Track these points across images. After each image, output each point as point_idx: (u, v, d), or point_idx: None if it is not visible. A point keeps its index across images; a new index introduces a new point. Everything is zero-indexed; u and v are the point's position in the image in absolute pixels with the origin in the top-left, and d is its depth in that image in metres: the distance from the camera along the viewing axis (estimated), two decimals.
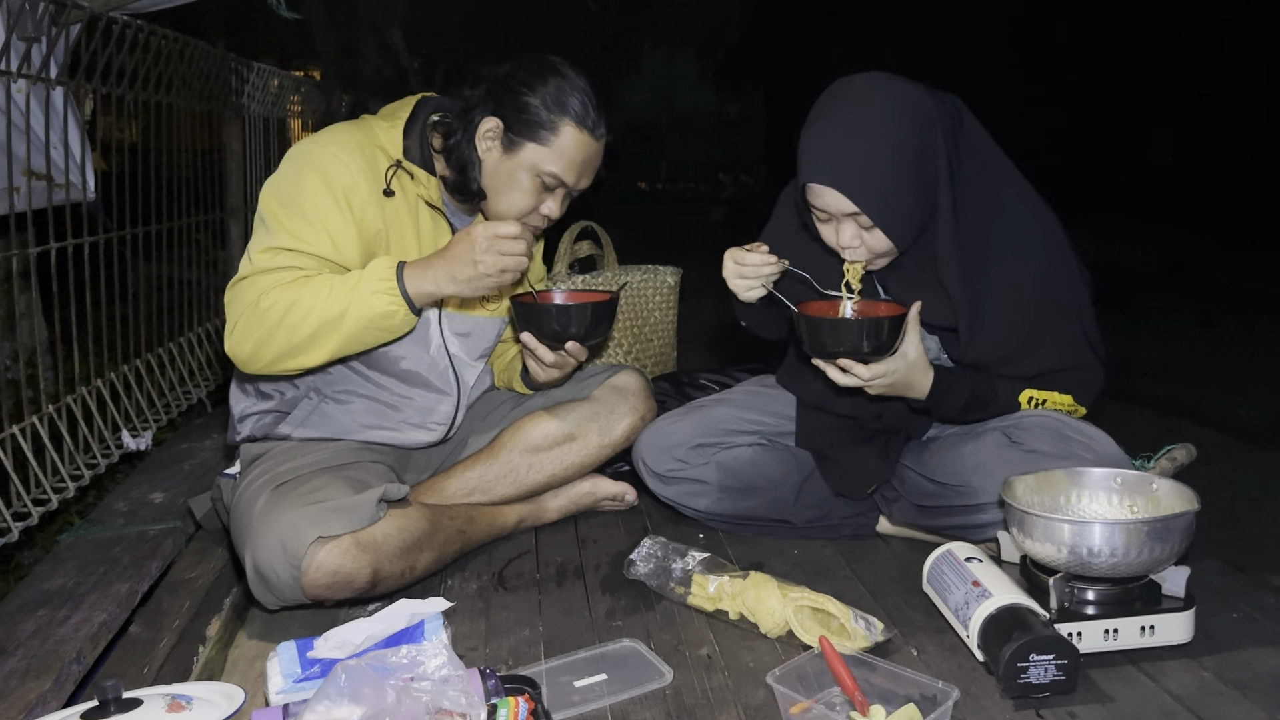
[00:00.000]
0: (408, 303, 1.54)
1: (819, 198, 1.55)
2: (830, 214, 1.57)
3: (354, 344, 1.58)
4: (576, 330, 1.65)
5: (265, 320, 1.53)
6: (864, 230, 1.56)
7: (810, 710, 1.21)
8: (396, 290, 1.53)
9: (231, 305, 1.59)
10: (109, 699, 1.12)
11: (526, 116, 1.63)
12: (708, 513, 1.90)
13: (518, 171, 1.65)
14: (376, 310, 1.53)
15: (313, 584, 1.49)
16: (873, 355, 1.56)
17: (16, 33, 2.04)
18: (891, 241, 1.56)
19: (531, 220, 1.71)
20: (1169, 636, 1.38)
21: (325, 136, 1.67)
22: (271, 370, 1.60)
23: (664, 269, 2.81)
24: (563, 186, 1.68)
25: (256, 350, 1.56)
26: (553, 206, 1.70)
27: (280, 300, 1.53)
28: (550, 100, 1.63)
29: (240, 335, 1.56)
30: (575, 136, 1.64)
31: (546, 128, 1.63)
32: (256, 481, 1.64)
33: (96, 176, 2.59)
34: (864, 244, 1.58)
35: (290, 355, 1.56)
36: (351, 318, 1.53)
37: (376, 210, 1.64)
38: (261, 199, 1.63)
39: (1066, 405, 1.69)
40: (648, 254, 2.99)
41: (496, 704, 1.11)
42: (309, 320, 1.52)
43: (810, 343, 1.58)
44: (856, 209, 1.52)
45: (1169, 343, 5.46)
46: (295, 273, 1.57)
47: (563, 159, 1.65)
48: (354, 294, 1.53)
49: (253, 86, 3.54)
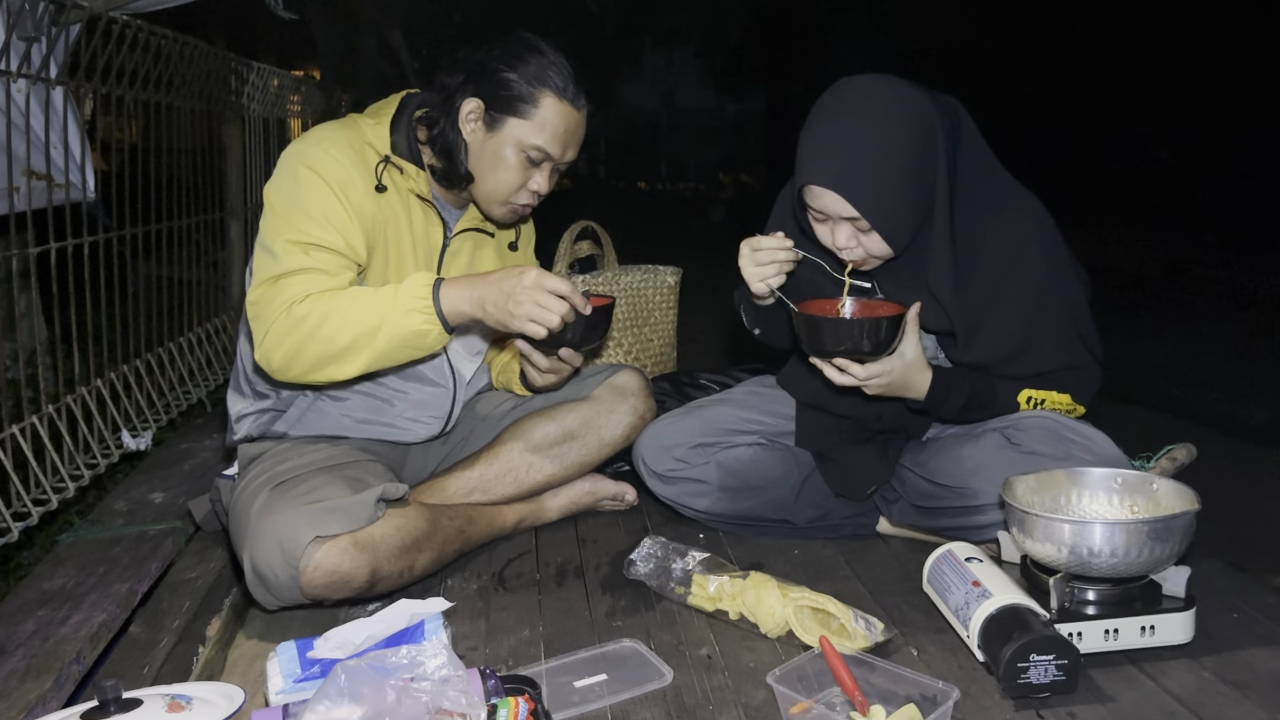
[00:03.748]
0: (442, 322, 1.54)
1: (817, 199, 1.55)
2: (827, 215, 1.57)
3: (386, 360, 1.58)
4: (571, 337, 1.62)
5: (300, 329, 1.52)
6: (861, 233, 1.56)
7: (810, 710, 1.21)
8: (432, 309, 1.53)
9: (260, 309, 1.57)
10: (109, 699, 1.12)
11: (506, 93, 1.65)
12: (708, 513, 1.90)
13: (502, 148, 1.66)
14: (411, 328, 1.53)
15: (311, 584, 1.49)
16: (871, 355, 1.56)
17: (16, 33, 2.04)
18: (888, 245, 1.56)
19: (520, 198, 1.71)
20: (1169, 636, 1.38)
21: (315, 135, 1.67)
22: (303, 380, 1.59)
23: (664, 269, 2.80)
24: (549, 160, 1.69)
25: (289, 360, 1.55)
26: (541, 182, 1.71)
27: (316, 309, 1.52)
28: (529, 74, 1.65)
29: (271, 343, 1.55)
30: (556, 107, 1.66)
31: (527, 101, 1.64)
32: (255, 482, 1.64)
33: (96, 176, 2.59)
34: (860, 245, 1.57)
35: (323, 365, 1.55)
36: (385, 334, 1.53)
37: (372, 205, 1.66)
38: (266, 201, 1.63)
39: (1065, 405, 1.69)
40: (648, 254, 2.99)
41: (496, 704, 1.11)
42: (345, 332, 1.52)
43: (809, 341, 1.58)
44: (855, 213, 1.52)
45: (1169, 343, 5.46)
46: (323, 277, 1.56)
47: (545, 130, 1.66)
48: (390, 310, 1.52)
49: (253, 86, 3.55)
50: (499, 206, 1.72)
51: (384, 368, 1.63)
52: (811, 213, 1.60)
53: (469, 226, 1.82)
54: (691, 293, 2.96)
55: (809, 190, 1.55)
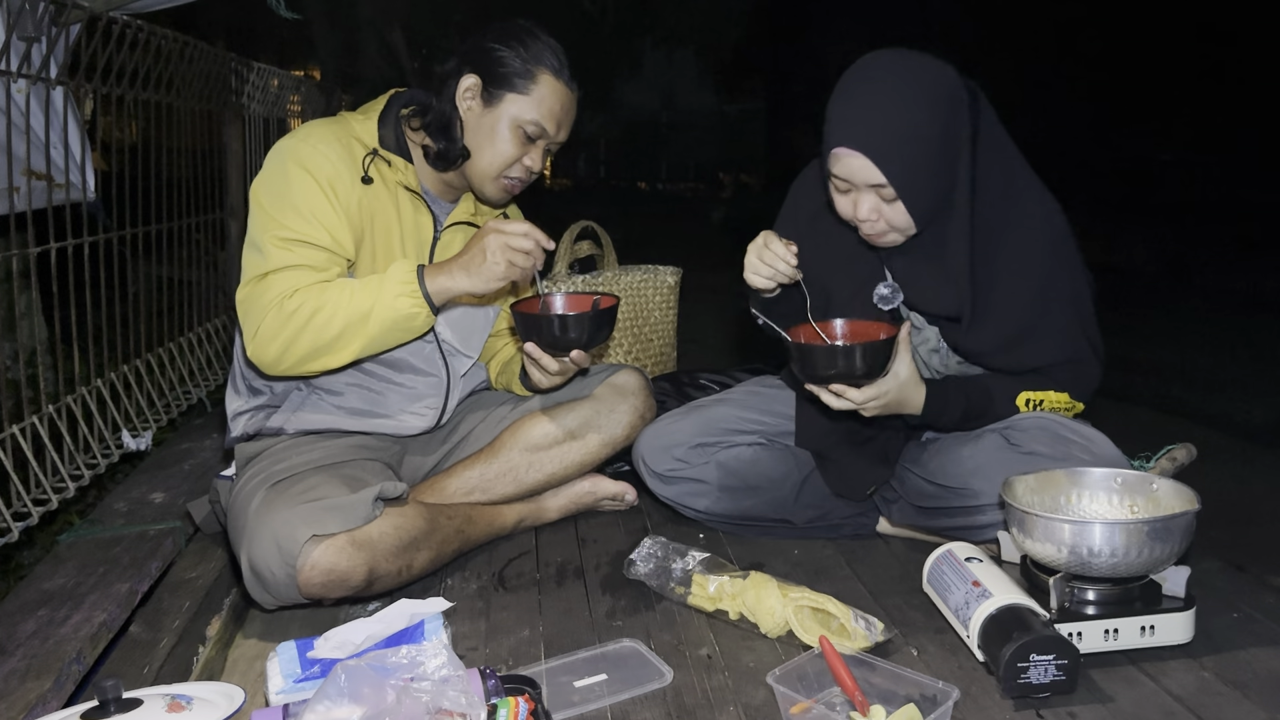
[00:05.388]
0: (429, 304, 1.60)
1: (844, 165, 1.53)
2: (852, 184, 1.54)
3: (377, 345, 1.63)
4: (578, 338, 1.66)
5: (292, 322, 1.56)
6: (884, 203, 1.54)
7: (810, 710, 1.21)
8: (419, 292, 1.59)
9: (249, 306, 1.61)
10: (109, 699, 1.12)
11: (504, 69, 1.69)
12: (708, 512, 1.90)
13: (499, 124, 1.70)
14: (401, 312, 1.59)
15: (308, 582, 1.49)
16: (865, 379, 1.55)
17: (16, 33, 2.04)
18: (911, 216, 1.54)
19: (514, 172, 1.75)
20: (1169, 636, 1.38)
21: (303, 131, 1.70)
22: (295, 371, 1.64)
23: (664, 269, 2.80)
24: (544, 136, 1.73)
25: (282, 352, 1.59)
26: (534, 159, 1.75)
27: (307, 302, 1.57)
28: (525, 53, 1.70)
29: (265, 337, 1.58)
30: (553, 85, 1.70)
31: (524, 77, 1.69)
32: (252, 481, 1.64)
33: (96, 176, 2.59)
34: (882, 217, 1.56)
35: (316, 356, 1.60)
36: (376, 320, 1.58)
37: (360, 198, 1.68)
38: (252, 197, 1.65)
39: (1063, 404, 1.68)
40: (648, 254, 2.99)
41: (496, 704, 1.11)
42: (335, 321, 1.57)
43: (801, 368, 1.57)
44: (882, 179, 1.50)
45: (1169, 343, 5.46)
46: (310, 272, 1.60)
47: (542, 106, 1.70)
48: (378, 296, 1.58)
49: (253, 86, 3.55)
50: (492, 182, 1.75)
51: (375, 353, 1.68)
52: (835, 182, 1.57)
53: (459, 219, 1.83)
54: (691, 293, 2.95)
55: (835, 156, 1.53)
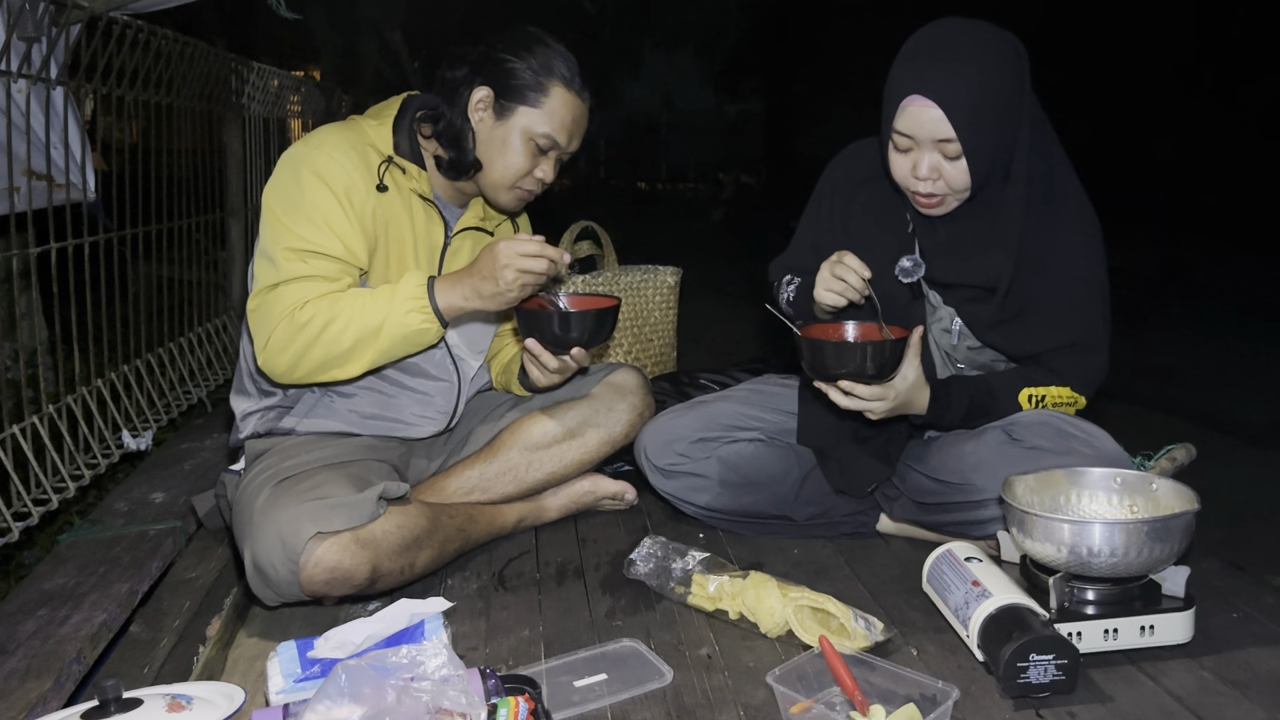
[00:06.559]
0: (439, 319, 1.61)
1: (911, 117, 1.53)
2: (915, 140, 1.55)
3: (388, 357, 1.65)
4: (579, 336, 1.67)
5: (303, 334, 1.57)
6: (946, 161, 1.55)
7: (810, 710, 1.21)
8: (429, 308, 1.60)
9: (260, 317, 1.61)
10: (109, 699, 1.12)
11: (516, 82, 1.69)
12: (708, 508, 1.91)
13: (511, 136, 1.70)
14: (411, 327, 1.60)
15: (311, 580, 1.50)
16: (874, 378, 1.56)
17: (16, 33, 2.04)
18: (970, 176, 1.55)
19: (526, 184, 1.75)
20: (1169, 636, 1.38)
21: (317, 138, 1.68)
22: (306, 381, 1.65)
23: (664, 269, 2.81)
24: (556, 148, 1.73)
25: (294, 363, 1.60)
26: (547, 170, 1.75)
27: (319, 314, 1.57)
28: (537, 65, 1.69)
29: (276, 348, 1.59)
30: (564, 97, 1.70)
31: (536, 90, 1.69)
32: (259, 477, 1.64)
33: (96, 176, 2.59)
34: (942, 177, 1.56)
35: (327, 368, 1.61)
36: (387, 334, 1.60)
37: (374, 206, 1.68)
38: (264, 205, 1.65)
39: (1066, 398, 1.69)
40: (648, 254, 2.99)
41: (496, 704, 1.11)
42: (347, 335, 1.58)
43: (811, 363, 1.58)
44: (950, 133, 1.51)
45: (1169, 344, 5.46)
46: (322, 283, 1.61)
47: (554, 119, 1.70)
48: (390, 311, 1.59)
49: (253, 86, 3.55)
50: (506, 192, 1.76)
51: (386, 363, 1.69)
52: (896, 139, 1.57)
53: (469, 225, 1.83)
54: (691, 293, 2.96)
55: (904, 110, 1.54)
